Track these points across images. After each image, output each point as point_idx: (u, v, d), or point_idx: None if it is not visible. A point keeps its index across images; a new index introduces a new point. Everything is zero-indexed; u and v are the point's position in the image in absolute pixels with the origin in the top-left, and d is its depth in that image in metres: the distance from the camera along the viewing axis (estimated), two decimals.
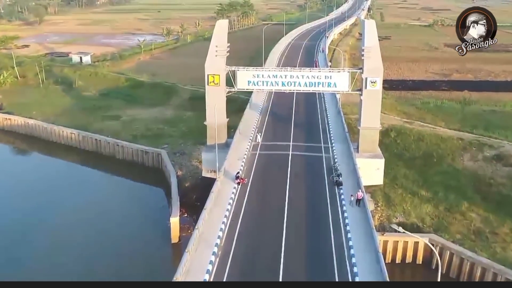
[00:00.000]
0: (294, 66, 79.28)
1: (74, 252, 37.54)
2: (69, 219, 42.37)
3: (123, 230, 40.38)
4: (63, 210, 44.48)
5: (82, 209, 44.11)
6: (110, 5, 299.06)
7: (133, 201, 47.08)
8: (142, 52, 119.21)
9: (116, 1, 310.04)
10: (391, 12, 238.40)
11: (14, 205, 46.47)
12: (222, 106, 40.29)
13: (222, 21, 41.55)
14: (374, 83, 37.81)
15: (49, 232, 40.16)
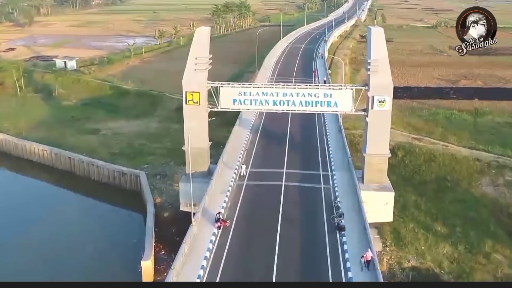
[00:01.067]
0: (290, 74, 74.24)
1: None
2: (20, 257, 36.35)
3: (85, 274, 34.28)
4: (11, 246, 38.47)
5: (38, 244, 38.17)
6: (105, 6, 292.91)
7: (103, 234, 41.04)
8: (132, 56, 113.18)
9: (111, 1, 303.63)
10: (392, 13, 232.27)
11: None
12: (203, 128, 34.30)
13: (203, 28, 35.46)
14: (382, 103, 31.81)
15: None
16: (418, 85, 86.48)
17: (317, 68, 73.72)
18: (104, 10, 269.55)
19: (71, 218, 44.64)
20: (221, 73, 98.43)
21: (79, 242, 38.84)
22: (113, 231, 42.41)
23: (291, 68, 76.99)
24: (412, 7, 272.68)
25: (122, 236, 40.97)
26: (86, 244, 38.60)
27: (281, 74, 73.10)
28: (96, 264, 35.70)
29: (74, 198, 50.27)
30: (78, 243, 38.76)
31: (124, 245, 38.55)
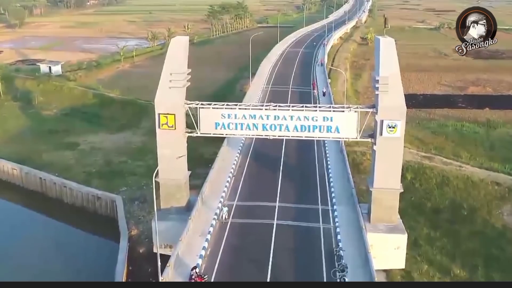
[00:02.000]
0: (287, 82, 68.76)
1: None
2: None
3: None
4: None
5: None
6: (100, 6, 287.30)
7: (69, 270, 35.62)
8: (122, 60, 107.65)
9: (107, 2, 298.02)
10: (393, 13, 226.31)
11: None
12: (180, 156, 28.90)
13: (179, 38, 30.02)
14: (393, 129, 26.47)
15: None
16: (424, 92, 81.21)
17: (316, 78, 68.06)
18: (99, 10, 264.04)
19: (36, 248, 39.19)
20: (215, 78, 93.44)
21: (36, 277, 33.36)
22: (81, 264, 37.04)
23: (288, 75, 71.68)
24: (413, 7, 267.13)
25: (89, 272, 35.56)
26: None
27: (277, 82, 67.83)
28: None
29: (43, 224, 44.81)
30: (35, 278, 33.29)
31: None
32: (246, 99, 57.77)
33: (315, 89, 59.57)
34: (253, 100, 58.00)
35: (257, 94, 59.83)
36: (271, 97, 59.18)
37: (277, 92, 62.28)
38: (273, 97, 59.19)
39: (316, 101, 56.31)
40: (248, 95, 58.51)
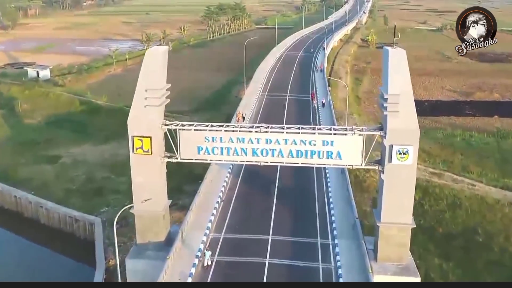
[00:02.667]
0: (284, 89, 64.80)
1: None
2: None
3: None
4: None
5: None
6: (97, 7, 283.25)
7: None
8: (114, 64, 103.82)
9: (104, 2, 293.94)
10: (394, 14, 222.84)
11: None
12: (158, 185, 25.10)
13: (156, 49, 26.15)
14: (405, 156, 22.65)
15: None
16: (428, 98, 77.41)
17: (315, 86, 63.92)
18: (95, 11, 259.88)
19: (2, 271, 35.48)
20: (210, 83, 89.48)
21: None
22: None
23: (286, 81, 67.78)
24: (414, 8, 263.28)
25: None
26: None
27: (274, 89, 63.98)
28: None
29: (15, 246, 41.00)
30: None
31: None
32: (240, 108, 53.98)
33: (314, 99, 55.47)
34: (248, 109, 54.23)
35: (252, 103, 56.02)
36: (267, 107, 55.33)
37: (273, 101, 58.42)
38: (269, 106, 55.36)
39: (315, 112, 52.41)
40: (242, 104, 54.66)
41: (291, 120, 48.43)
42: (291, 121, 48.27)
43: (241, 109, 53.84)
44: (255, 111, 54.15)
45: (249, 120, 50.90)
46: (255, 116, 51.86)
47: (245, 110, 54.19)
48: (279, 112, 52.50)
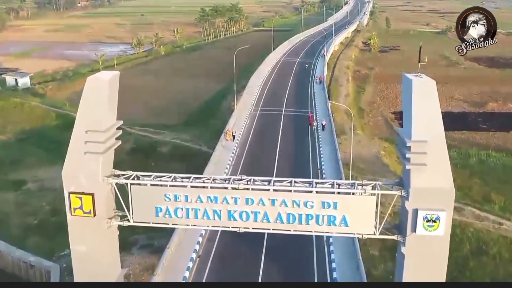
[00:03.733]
0: (280, 102, 58.74)
1: None
2: None
3: None
4: None
5: None
6: (92, 8, 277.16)
7: None
8: (101, 70, 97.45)
9: (99, 3, 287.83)
10: (395, 15, 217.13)
11: None
12: (107, 255, 18.96)
13: (102, 76, 19.76)
14: (434, 224, 16.54)
15: None
16: None
17: (314, 104, 57.02)
18: (89, 13, 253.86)
19: None
20: (201, 91, 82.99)
21: None
22: None
23: (282, 93, 61.68)
24: (416, 9, 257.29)
25: None
26: None
27: (269, 102, 57.92)
28: None
29: None
30: None
31: None
32: (230, 124, 47.93)
33: (313, 122, 48.27)
34: (238, 127, 48.19)
35: (243, 120, 49.98)
36: (260, 125, 49.17)
37: (267, 118, 52.22)
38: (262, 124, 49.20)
39: (314, 133, 46.08)
40: (231, 122, 48.55)
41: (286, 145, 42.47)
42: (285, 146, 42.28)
43: (231, 126, 47.82)
44: (246, 128, 48.08)
45: (239, 140, 44.87)
46: (245, 136, 45.78)
47: (235, 127, 48.21)
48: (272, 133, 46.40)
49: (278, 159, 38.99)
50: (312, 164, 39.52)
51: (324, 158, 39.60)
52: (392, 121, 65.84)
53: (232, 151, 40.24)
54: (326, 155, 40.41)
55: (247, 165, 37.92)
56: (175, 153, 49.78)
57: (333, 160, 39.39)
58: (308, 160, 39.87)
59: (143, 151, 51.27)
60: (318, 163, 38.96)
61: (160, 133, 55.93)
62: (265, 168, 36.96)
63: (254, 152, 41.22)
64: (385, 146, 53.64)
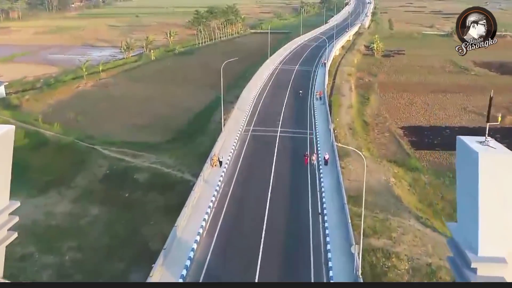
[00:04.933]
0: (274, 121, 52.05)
1: None
2: None
3: None
4: None
5: None
6: (86, 9, 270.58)
7: None
8: (85, 77, 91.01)
9: (93, 4, 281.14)
10: (398, 17, 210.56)
11: None
12: None
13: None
14: None
15: None
16: (450, 123, 64.67)
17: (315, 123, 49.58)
18: (82, 14, 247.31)
19: None
20: (190, 102, 75.67)
21: None
22: None
23: (277, 110, 54.68)
24: (418, 10, 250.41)
25: None
26: None
27: (262, 120, 51.14)
28: None
29: None
30: None
31: None
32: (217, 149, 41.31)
33: (312, 157, 39.13)
34: (226, 151, 41.53)
35: (231, 143, 43.35)
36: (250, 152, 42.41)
37: (259, 141, 45.27)
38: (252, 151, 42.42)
39: (314, 174, 38.74)
40: (218, 145, 41.85)
41: (280, 180, 35.72)
42: (280, 181, 35.55)
43: (218, 150, 41.18)
44: (235, 154, 41.39)
45: (225, 169, 38.24)
46: (232, 167, 39.08)
47: (223, 151, 41.56)
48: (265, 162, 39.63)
49: (270, 202, 32.26)
50: (312, 206, 32.79)
51: (326, 196, 32.90)
52: (401, 138, 59.17)
53: (215, 188, 33.56)
54: (328, 191, 33.70)
55: (232, 209, 31.24)
56: (153, 182, 43.19)
57: (337, 198, 32.74)
58: (307, 200, 33.12)
59: (118, 179, 44.72)
60: (319, 205, 32.27)
61: (139, 155, 49.33)
62: (253, 216, 30.34)
63: (241, 189, 34.46)
64: (395, 171, 46.98)
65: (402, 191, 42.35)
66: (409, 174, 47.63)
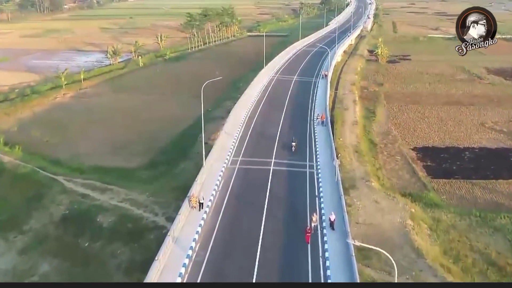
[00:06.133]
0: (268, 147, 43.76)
1: None
2: None
3: None
4: None
5: None
6: (79, 10, 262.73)
7: None
8: (64, 87, 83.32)
9: (86, 5, 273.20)
10: (401, 19, 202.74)
11: None
12: None
13: None
14: None
15: None
16: (469, 144, 56.91)
17: (316, 158, 40.12)
18: (75, 15, 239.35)
19: None
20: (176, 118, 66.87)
21: None
22: None
23: (271, 133, 46.38)
24: (421, 11, 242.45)
25: None
26: None
27: (253, 150, 42.59)
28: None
29: None
30: None
31: None
32: (197, 187, 33.64)
33: (312, 218, 29.25)
34: (209, 189, 33.85)
35: (215, 178, 35.63)
36: (237, 193, 34.40)
37: (249, 177, 37.00)
38: (240, 193, 34.47)
39: (317, 252, 29.45)
40: (198, 182, 34.06)
41: (273, 238, 27.85)
42: (272, 239, 27.71)
43: (198, 188, 33.50)
44: (218, 196, 33.67)
45: (205, 216, 30.60)
46: (214, 212, 31.36)
47: (204, 189, 33.91)
48: (254, 208, 31.79)
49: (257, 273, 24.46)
50: (312, 272, 25.04)
51: (331, 270, 25.00)
52: (414, 162, 51.48)
53: (187, 252, 25.86)
54: (333, 261, 25.80)
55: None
56: (119, 228, 35.52)
57: (344, 261, 24.99)
58: (307, 270, 25.28)
59: (78, 222, 37.08)
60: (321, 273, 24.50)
61: (108, 189, 41.62)
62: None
63: (222, 254, 26.57)
64: (412, 210, 39.24)
65: (423, 239, 34.70)
66: (428, 212, 39.96)
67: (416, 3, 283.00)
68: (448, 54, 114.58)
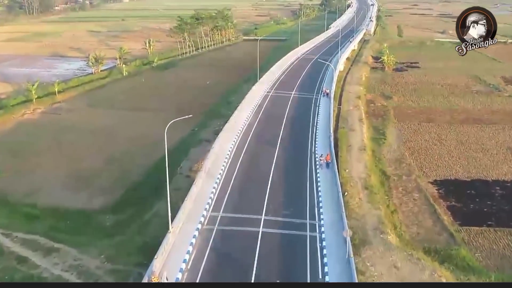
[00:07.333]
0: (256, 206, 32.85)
1: None
2: None
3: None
4: None
5: None
6: (71, 11, 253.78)
7: None
8: (34, 101, 74.36)
9: (79, 6, 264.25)
10: (404, 20, 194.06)
11: None
12: None
13: None
14: None
15: None
16: (498, 175, 48.06)
17: (319, 215, 28.40)
18: (65, 17, 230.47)
19: None
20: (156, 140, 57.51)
21: None
22: None
23: (261, 179, 36.45)
24: (425, 12, 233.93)
25: None
26: None
27: (237, 202, 33.31)
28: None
29: None
30: None
31: None
32: (157, 261, 24.90)
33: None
34: (176, 262, 25.08)
35: (186, 245, 26.84)
36: (213, 270, 25.52)
37: (231, 244, 28.06)
38: (217, 269, 25.61)
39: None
40: (161, 256, 25.23)
41: None
42: None
43: (160, 265, 24.65)
44: (187, 278, 24.80)
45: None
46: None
47: (169, 264, 25.09)
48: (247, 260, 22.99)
49: None
50: None
51: None
52: (435, 201, 42.61)
53: None
54: None
55: None
56: None
57: None
58: None
59: None
60: None
61: (53, 250, 32.71)
62: None
63: None
64: (439, 274, 30.37)
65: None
66: (461, 280, 31.11)
67: (419, 4, 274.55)
68: (458, 60, 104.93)
